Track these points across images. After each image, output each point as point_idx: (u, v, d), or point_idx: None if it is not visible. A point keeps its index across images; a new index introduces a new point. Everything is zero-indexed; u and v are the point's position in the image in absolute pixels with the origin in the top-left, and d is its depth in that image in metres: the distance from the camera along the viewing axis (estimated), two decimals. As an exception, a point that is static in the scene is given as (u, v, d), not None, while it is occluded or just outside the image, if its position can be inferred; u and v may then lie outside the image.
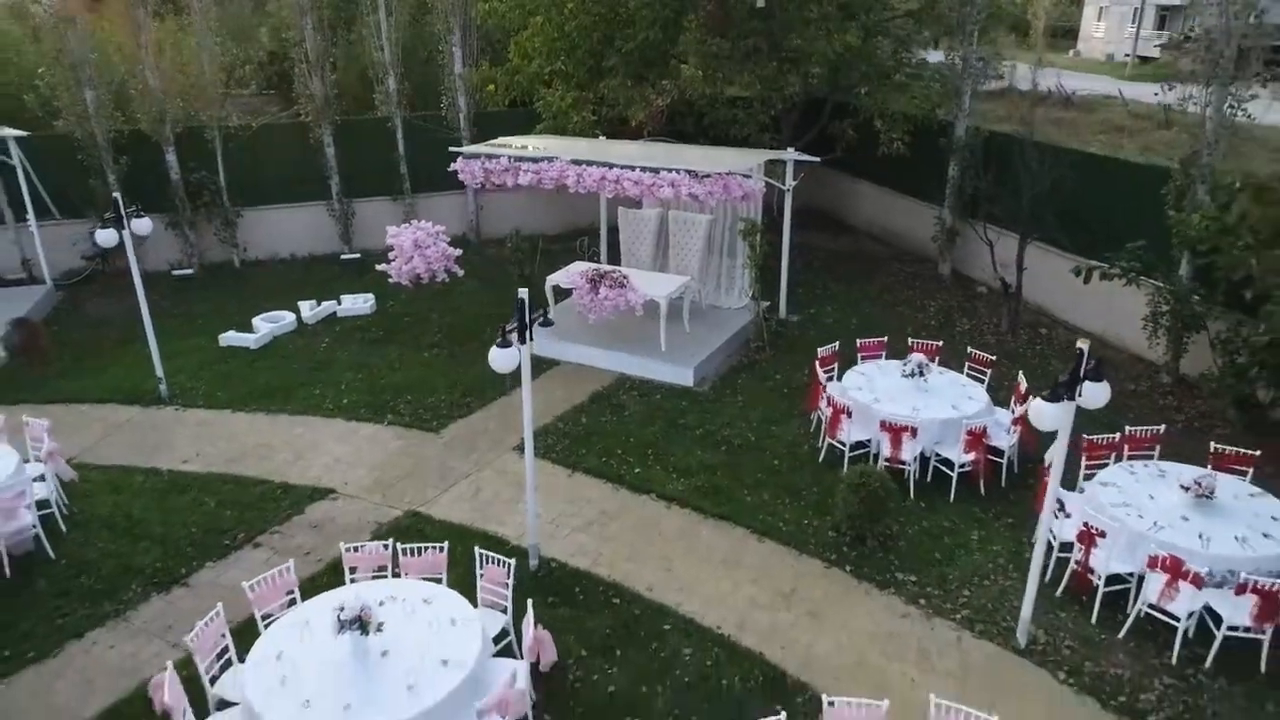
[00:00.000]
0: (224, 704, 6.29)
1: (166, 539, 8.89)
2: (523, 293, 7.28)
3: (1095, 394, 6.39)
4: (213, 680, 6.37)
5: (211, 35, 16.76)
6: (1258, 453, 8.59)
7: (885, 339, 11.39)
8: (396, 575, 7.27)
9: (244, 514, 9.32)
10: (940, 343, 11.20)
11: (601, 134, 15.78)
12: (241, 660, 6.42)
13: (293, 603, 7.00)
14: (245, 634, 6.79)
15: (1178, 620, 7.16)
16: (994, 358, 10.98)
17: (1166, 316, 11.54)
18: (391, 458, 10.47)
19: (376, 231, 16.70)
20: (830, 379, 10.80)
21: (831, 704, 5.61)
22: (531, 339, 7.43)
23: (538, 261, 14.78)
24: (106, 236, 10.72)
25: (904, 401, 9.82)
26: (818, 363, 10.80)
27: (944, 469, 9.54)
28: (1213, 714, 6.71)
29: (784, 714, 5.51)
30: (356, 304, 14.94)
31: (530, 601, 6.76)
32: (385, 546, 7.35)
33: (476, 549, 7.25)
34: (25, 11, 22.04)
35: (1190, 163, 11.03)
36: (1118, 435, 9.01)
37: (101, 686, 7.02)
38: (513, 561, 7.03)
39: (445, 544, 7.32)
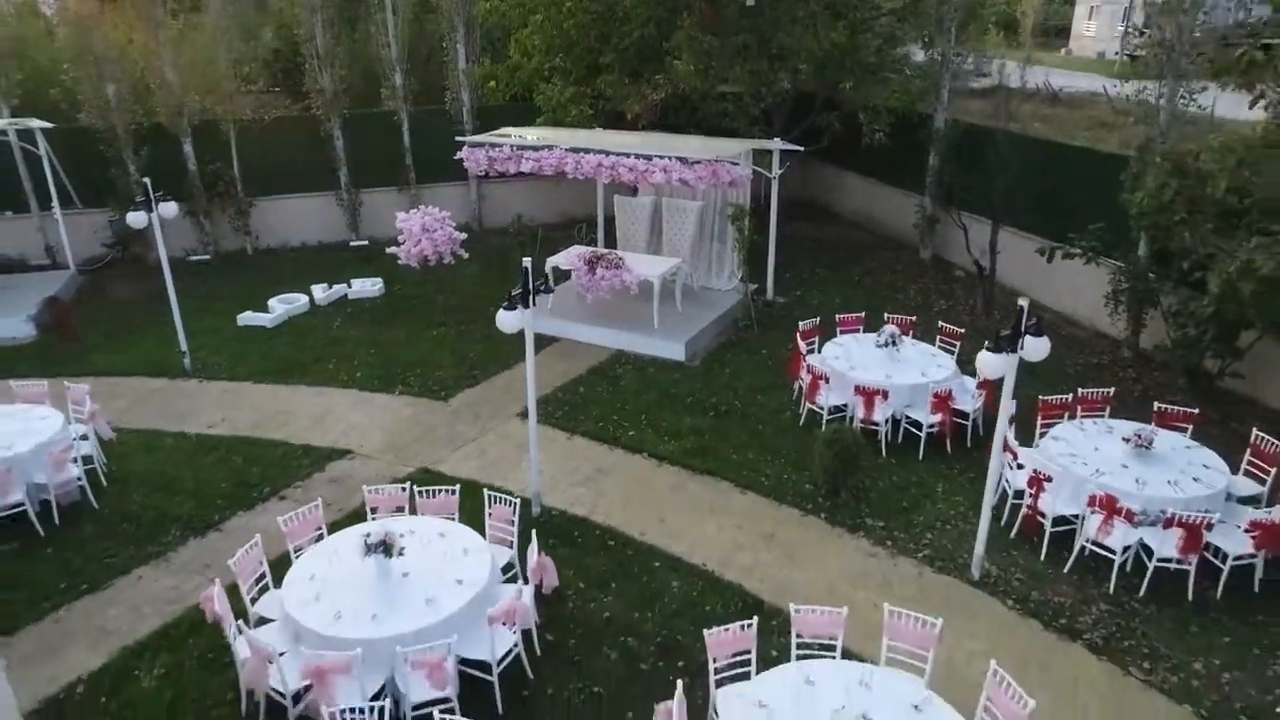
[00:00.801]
0: (263, 621, 7.10)
1: (199, 492, 9.70)
2: (527, 261, 8.08)
3: (1035, 347, 7.19)
4: (253, 601, 7.18)
5: (226, 32, 17.53)
6: (1196, 411, 9.43)
7: (863, 314, 12.20)
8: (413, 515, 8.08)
9: (268, 471, 10.13)
10: (914, 318, 12.03)
11: (599, 127, 16.57)
12: (277, 587, 7.23)
13: (320, 538, 7.80)
14: (279, 567, 7.56)
15: (1114, 553, 7.98)
16: (963, 330, 11.78)
17: (1125, 293, 12.37)
18: (403, 423, 11.28)
19: (383, 220, 17.58)
20: (811, 350, 11.61)
21: (798, 611, 6.43)
22: (535, 304, 8.21)
23: (538, 247, 15.60)
24: (137, 218, 11.53)
25: (877, 369, 10.64)
26: (799, 335, 11.61)
27: (913, 430, 10.37)
28: (1142, 634, 7.53)
29: (756, 619, 6.33)
30: (366, 287, 15.74)
31: (535, 532, 7.57)
32: (403, 489, 8.17)
33: (485, 491, 8.06)
34: (37, 10, 22.85)
35: (1145, 149, 11.85)
36: (1070, 396, 9.84)
37: (149, 612, 7.84)
38: (518, 500, 7.85)
39: (457, 486, 8.15)
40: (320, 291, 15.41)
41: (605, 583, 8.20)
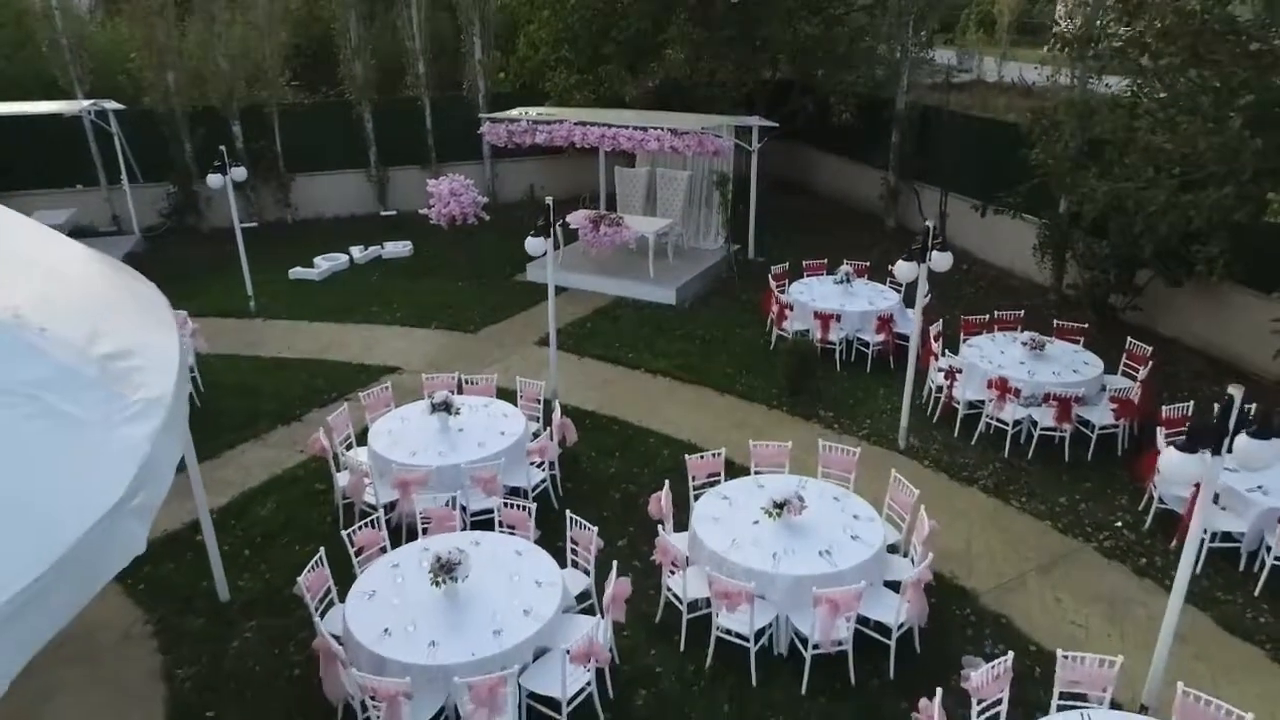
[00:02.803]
0: (352, 466, 9.30)
1: (279, 395, 11.93)
2: (549, 199, 10.30)
3: (940, 260, 9.43)
4: (345, 450, 9.40)
5: (273, 26, 19.77)
6: (1085, 325, 11.71)
7: (825, 261, 14.45)
8: (460, 399, 10.29)
9: (334, 381, 12.36)
10: (868, 262, 14.28)
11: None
12: (361, 445, 9.45)
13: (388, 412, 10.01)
14: (358, 439, 9.78)
15: (1008, 426, 10.22)
16: (909, 274, 14.02)
17: (1048, 244, 14.61)
18: (440, 349, 13.52)
19: (408, 194, 19.87)
20: (781, 290, 13.84)
21: (755, 445, 8.66)
22: (553, 235, 10.41)
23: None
24: (215, 179, 13.76)
25: (834, 300, 12.88)
26: (772, 278, 13.86)
27: (863, 349, 12.62)
28: (1024, 482, 9.78)
29: (724, 450, 8.57)
30: (398, 249, 17.98)
31: (557, 401, 9.80)
32: (452, 377, 10.40)
33: (517, 377, 10.30)
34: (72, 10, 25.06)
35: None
36: (988, 316, 12.08)
37: (256, 472, 10.08)
38: (542, 383, 10.08)
39: (495, 375, 10.37)
40: (358, 252, 17.65)
41: (611, 452, 10.44)
